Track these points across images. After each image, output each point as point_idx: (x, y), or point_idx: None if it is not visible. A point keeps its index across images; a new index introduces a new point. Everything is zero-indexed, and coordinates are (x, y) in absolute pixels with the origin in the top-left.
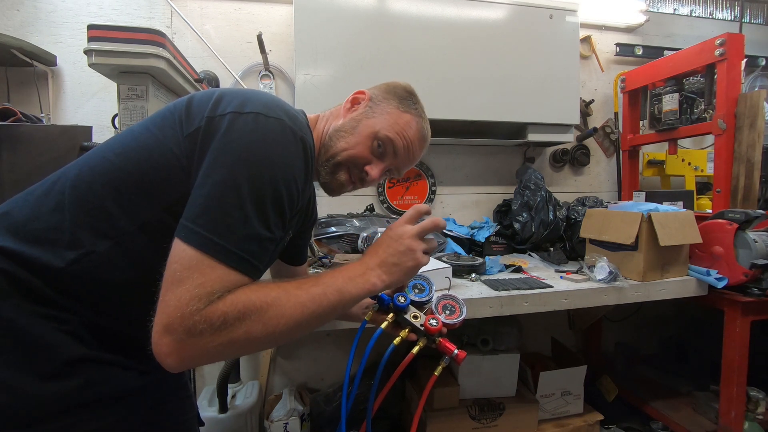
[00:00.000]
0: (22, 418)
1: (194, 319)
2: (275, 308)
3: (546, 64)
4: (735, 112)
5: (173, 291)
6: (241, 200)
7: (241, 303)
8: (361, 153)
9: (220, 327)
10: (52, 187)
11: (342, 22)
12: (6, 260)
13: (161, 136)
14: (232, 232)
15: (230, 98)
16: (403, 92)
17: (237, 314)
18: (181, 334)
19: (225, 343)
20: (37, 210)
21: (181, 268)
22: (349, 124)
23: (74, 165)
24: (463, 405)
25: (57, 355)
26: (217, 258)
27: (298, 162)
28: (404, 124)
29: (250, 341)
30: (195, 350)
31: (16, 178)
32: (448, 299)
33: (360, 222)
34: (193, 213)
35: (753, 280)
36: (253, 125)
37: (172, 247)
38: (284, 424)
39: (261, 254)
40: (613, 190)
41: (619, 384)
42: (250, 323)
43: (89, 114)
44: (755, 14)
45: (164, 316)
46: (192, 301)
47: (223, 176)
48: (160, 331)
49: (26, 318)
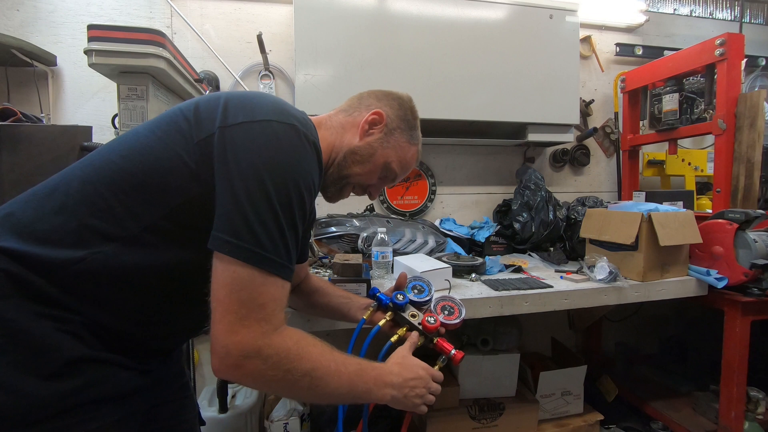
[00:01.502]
0: (23, 418)
1: (262, 347)
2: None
3: (546, 64)
4: (735, 112)
5: (238, 314)
6: (275, 211)
7: (301, 345)
8: (370, 179)
9: (282, 360)
10: (56, 188)
11: (342, 22)
12: (9, 260)
13: (167, 139)
14: (274, 244)
15: (238, 105)
16: (411, 119)
17: (294, 353)
18: (251, 359)
19: (278, 377)
20: (41, 211)
21: (238, 287)
22: (366, 151)
23: (78, 166)
24: (463, 405)
25: (58, 356)
26: (266, 269)
27: (314, 166)
28: (410, 158)
29: (293, 382)
30: (256, 375)
31: (16, 178)
32: (447, 300)
33: (360, 222)
34: (231, 227)
35: (753, 280)
36: (270, 133)
37: (215, 265)
38: (284, 424)
39: (294, 257)
40: (613, 190)
41: (619, 384)
42: (302, 365)
43: (89, 114)
44: (755, 14)
45: (233, 339)
46: (260, 328)
47: (253, 188)
48: (227, 354)
49: (28, 318)
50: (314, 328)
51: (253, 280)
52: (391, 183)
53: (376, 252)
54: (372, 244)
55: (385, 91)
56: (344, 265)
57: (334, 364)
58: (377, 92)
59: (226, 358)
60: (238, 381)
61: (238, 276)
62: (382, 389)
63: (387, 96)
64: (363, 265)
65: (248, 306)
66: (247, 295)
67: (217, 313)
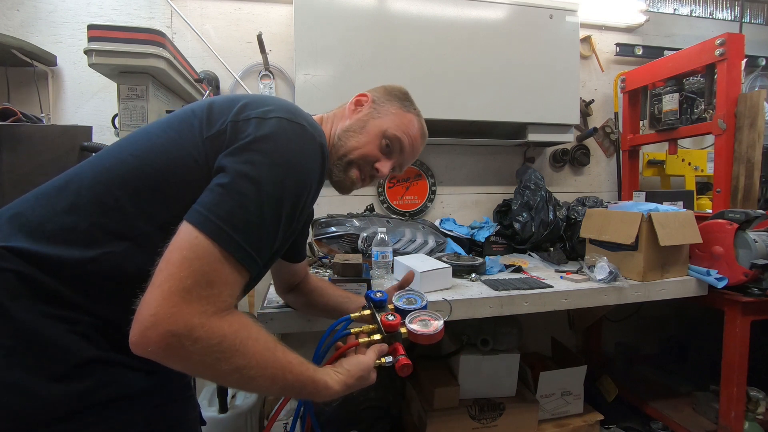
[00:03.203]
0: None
1: (197, 327)
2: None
3: (546, 64)
4: (735, 112)
5: (182, 283)
6: (260, 199)
7: (240, 337)
8: (371, 151)
9: (213, 347)
10: (65, 188)
11: (342, 21)
12: (19, 260)
13: (179, 139)
14: (248, 231)
15: (254, 105)
16: (401, 94)
17: (230, 344)
18: (179, 337)
19: (206, 363)
20: (51, 210)
21: (192, 256)
22: (357, 125)
23: (88, 166)
24: (463, 405)
25: (68, 357)
26: (228, 251)
27: (316, 167)
28: (408, 123)
29: (219, 374)
30: (182, 356)
31: (16, 178)
32: (429, 316)
33: (360, 222)
34: (210, 201)
35: (753, 280)
36: (278, 129)
37: (179, 230)
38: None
39: (266, 254)
40: (613, 190)
41: (619, 384)
42: (234, 360)
43: (89, 114)
44: (755, 14)
45: (169, 308)
46: (201, 306)
47: (245, 172)
48: (156, 322)
49: (38, 320)
50: (314, 328)
51: (212, 255)
52: (400, 155)
53: (376, 252)
54: (372, 244)
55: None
56: (344, 265)
57: (272, 369)
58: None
59: (151, 328)
60: (156, 357)
61: (198, 245)
62: (320, 397)
63: (375, 87)
64: (363, 265)
65: (196, 278)
66: (199, 266)
67: (160, 275)
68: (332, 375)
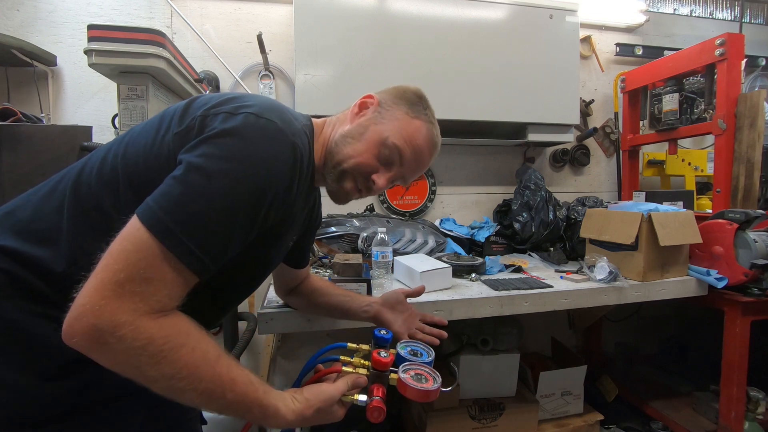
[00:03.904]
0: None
1: (123, 324)
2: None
3: (546, 64)
4: (735, 112)
5: (116, 275)
6: (210, 193)
7: (172, 343)
8: (367, 161)
9: (138, 349)
10: (55, 188)
11: (342, 21)
12: (8, 260)
13: (156, 137)
14: (194, 230)
15: (230, 101)
16: (413, 97)
17: (157, 349)
18: (103, 332)
19: (131, 363)
20: (40, 210)
21: (131, 248)
22: (357, 130)
23: (76, 166)
24: (463, 405)
25: (59, 356)
26: (170, 250)
27: (283, 166)
28: (413, 131)
29: (146, 378)
30: (105, 352)
31: (16, 178)
32: (428, 373)
33: (360, 222)
34: (159, 193)
35: (753, 280)
36: (243, 124)
37: (129, 221)
38: None
39: (219, 255)
40: (613, 190)
41: (619, 384)
42: (161, 367)
43: (89, 114)
44: (755, 14)
45: (98, 300)
46: (132, 303)
47: (199, 165)
48: (83, 313)
49: (28, 318)
50: (314, 328)
51: (152, 251)
52: (401, 167)
53: (376, 252)
54: (372, 244)
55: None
56: (344, 265)
57: (207, 384)
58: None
59: (78, 318)
60: (81, 350)
61: (139, 239)
62: (270, 424)
63: (387, 88)
64: (363, 265)
65: (131, 272)
66: (135, 259)
67: (98, 265)
68: (287, 401)
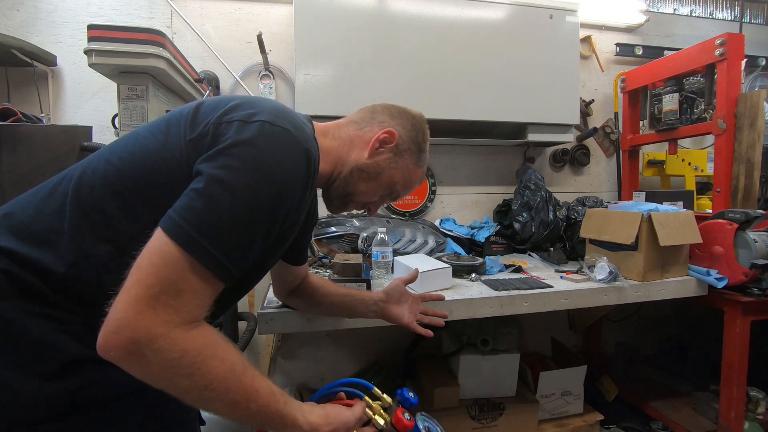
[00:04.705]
0: (24, 418)
1: (159, 336)
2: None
3: (546, 64)
4: (735, 112)
5: (149, 290)
6: (234, 205)
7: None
8: (373, 198)
9: (173, 361)
10: (55, 189)
11: (342, 21)
12: (7, 261)
13: (165, 141)
14: (220, 238)
15: (241, 107)
16: (422, 141)
17: (191, 361)
18: (140, 345)
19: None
20: (40, 211)
21: (161, 263)
22: (374, 170)
23: (78, 167)
24: (463, 405)
25: (58, 356)
26: (198, 260)
27: (300, 173)
28: (414, 179)
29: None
30: (142, 364)
31: (16, 178)
32: None
33: (360, 222)
34: (181, 206)
35: (753, 280)
36: (259, 133)
37: (153, 235)
38: None
39: (242, 262)
40: (613, 190)
41: (619, 384)
42: (194, 379)
43: (89, 114)
44: (755, 14)
45: (133, 314)
46: (166, 316)
47: (220, 177)
48: (120, 327)
49: (27, 318)
50: (314, 328)
51: (181, 264)
52: (392, 201)
53: (376, 252)
54: (372, 244)
55: (399, 108)
56: (344, 265)
57: (233, 395)
58: (391, 108)
59: (115, 332)
60: (118, 363)
61: (167, 252)
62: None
63: (401, 114)
64: (363, 265)
65: (163, 286)
66: (167, 274)
67: (129, 280)
68: (306, 414)
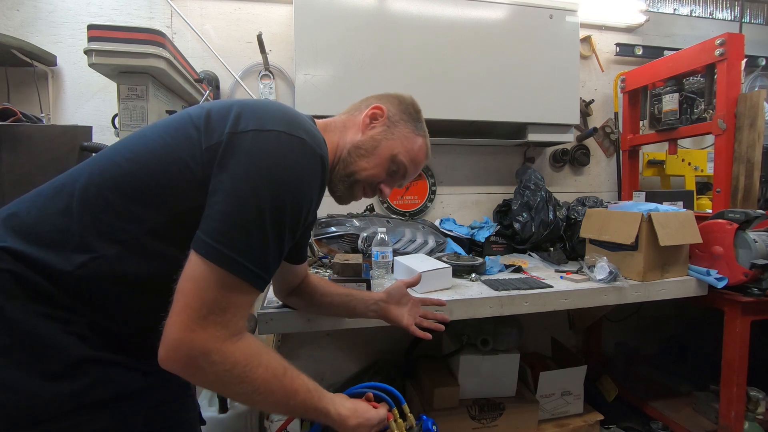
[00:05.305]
0: (27, 418)
1: (212, 351)
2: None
3: (546, 64)
4: (735, 112)
5: (198, 312)
6: (261, 220)
7: (250, 364)
8: (378, 174)
9: (225, 372)
10: (61, 189)
11: (342, 21)
12: (13, 261)
13: (175, 145)
14: (253, 252)
15: (250, 114)
16: (414, 113)
17: (241, 371)
18: (197, 360)
19: (220, 383)
20: (46, 212)
21: (205, 286)
22: (370, 144)
23: (84, 167)
24: (463, 405)
25: (63, 356)
26: (237, 275)
27: (316, 181)
28: (418, 149)
29: (231, 393)
30: (200, 375)
31: (16, 178)
32: None
33: (360, 222)
34: (213, 229)
35: (753, 280)
36: (276, 144)
37: (189, 259)
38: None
39: (273, 269)
40: (613, 190)
41: (619, 384)
42: (243, 385)
43: (89, 114)
44: (755, 14)
45: (188, 334)
46: (216, 332)
47: (245, 194)
48: (178, 346)
49: (33, 319)
50: (314, 328)
51: (221, 283)
52: (403, 179)
53: (376, 252)
54: (372, 244)
55: (386, 93)
56: (344, 265)
57: (276, 395)
58: (378, 94)
59: (175, 351)
60: (180, 374)
61: (207, 276)
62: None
63: (387, 95)
64: (363, 265)
65: (210, 307)
66: (211, 296)
67: (178, 304)
68: (337, 406)
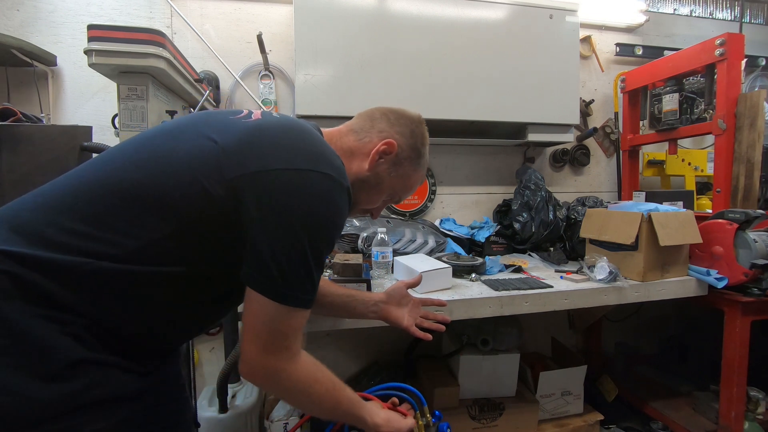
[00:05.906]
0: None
1: (281, 371)
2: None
3: (546, 64)
4: (735, 112)
5: (266, 342)
6: (305, 256)
7: (309, 381)
8: (374, 203)
9: (292, 387)
10: (65, 190)
11: (342, 21)
12: (11, 262)
13: (189, 160)
14: (302, 283)
15: (272, 146)
16: (420, 146)
17: (304, 386)
18: (271, 377)
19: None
20: (47, 213)
21: (269, 320)
22: (374, 180)
23: (89, 169)
24: (463, 405)
25: (59, 358)
26: (293, 305)
27: (345, 212)
28: (415, 182)
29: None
30: (276, 389)
31: (16, 178)
32: None
33: (360, 222)
34: (265, 268)
35: (753, 280)
36: (308, 185)
37: (250, 297)
38: (284, 424)
39: (317, 286)
40: (613, 190)
41: (619, 384)
42: (304, 397)
43: (89, 114)
44: (755, 14)
45: (261, 359)
46: (281, 354)
47: (288, 237)
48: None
49: (29, 320)
50: (314, 328)
51: (280, 315)
52: (394, 204)
53: (376, 252)
54: (372, 244)
55: (397, 113)
56: (344, 265)
57: (327, 405)
58: (389, 114)
59: (254, 372)
60: (262, 388)
61: (268, 310)
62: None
63: (399, 120)
64: (363, 265)
65: (274, 335)
66: (274, 327)
67: (248, 334)
68: (372, 415)
